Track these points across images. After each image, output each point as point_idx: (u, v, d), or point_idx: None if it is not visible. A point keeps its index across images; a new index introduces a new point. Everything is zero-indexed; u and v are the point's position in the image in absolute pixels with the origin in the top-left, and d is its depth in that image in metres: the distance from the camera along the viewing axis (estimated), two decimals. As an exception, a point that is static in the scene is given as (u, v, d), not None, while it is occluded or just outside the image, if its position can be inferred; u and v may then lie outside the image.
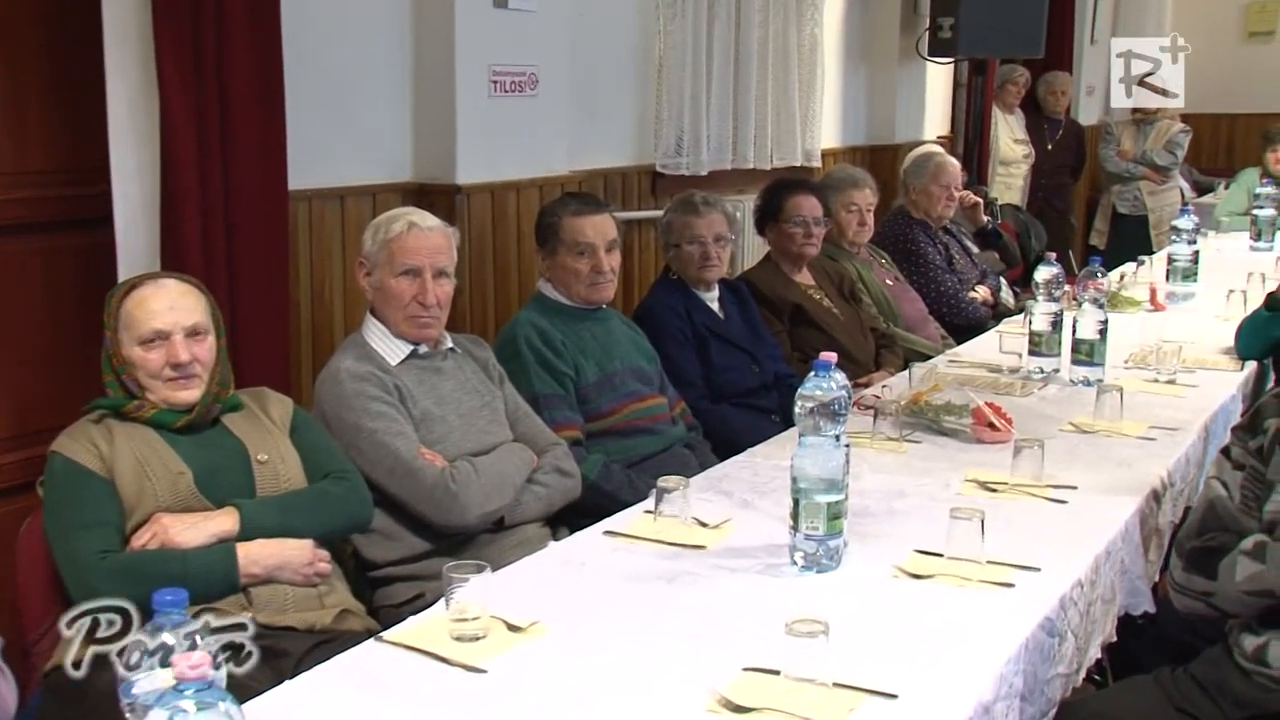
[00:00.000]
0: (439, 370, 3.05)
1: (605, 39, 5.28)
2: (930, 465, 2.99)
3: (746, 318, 4.11)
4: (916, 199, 5.52)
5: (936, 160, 5.58)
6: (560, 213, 3.50)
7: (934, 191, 5.50)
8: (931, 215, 5.53)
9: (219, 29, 3.37)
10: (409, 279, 2.98)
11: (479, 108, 4.41)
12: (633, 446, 3.41)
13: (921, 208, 5.52)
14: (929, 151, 5.75)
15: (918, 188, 5.51)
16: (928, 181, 5.51)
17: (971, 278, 5.53)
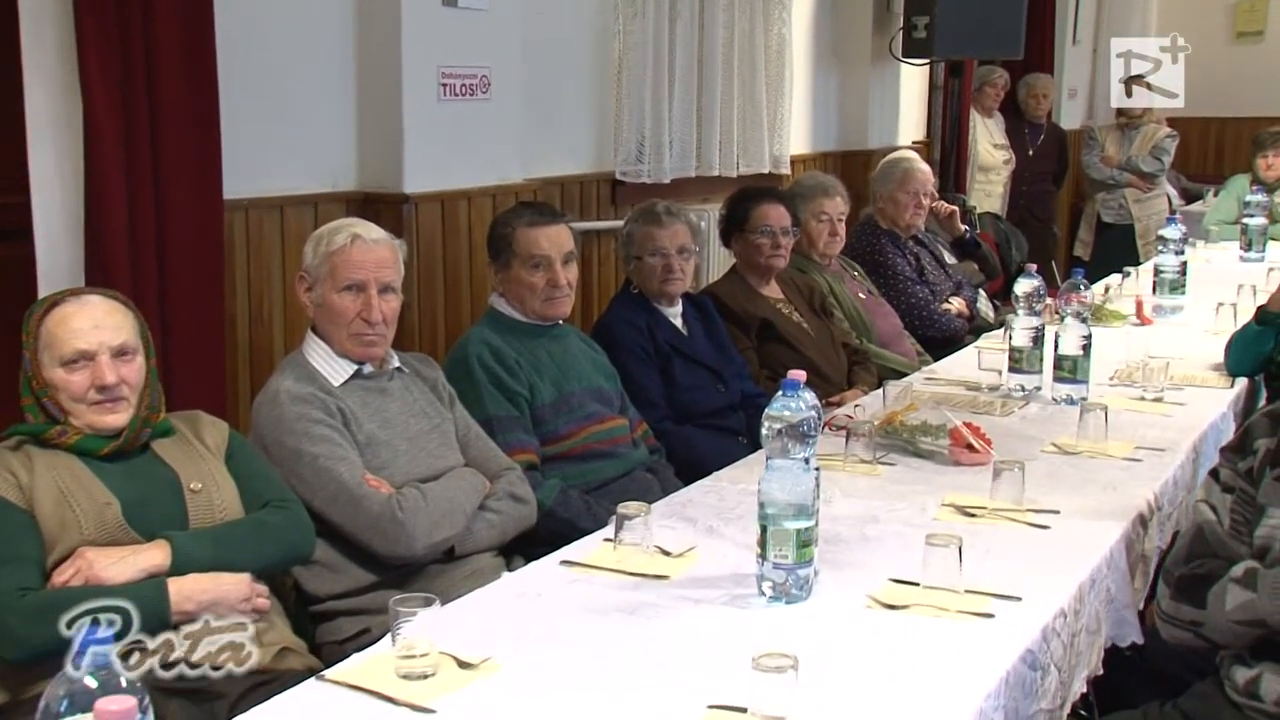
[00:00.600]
0: (385, 391, 3.04)
1: (561, 39, 5.29)
2: (905, 489, 3.00)
3: (711, 334, 4.12)
4: (884, 207, 5.55)
5: (903, 167, 5.62)
6: (514, 223, 3.50)
7: (901, 199, 5.54)
8: (900, 224, 5.57)
9: (147, 26, 3.35)
10: (353, 294, 2.97)
11: (427, 112, 4.41)
12: (591, 471, 3.41)
13: (889, 217, 5.55)
14: (896, 158, 5.79)
15: (884, 195, 5.55)
16: (894, 189, 5.55)
17: (944, 289, 5.56)
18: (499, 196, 4.63)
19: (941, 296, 5.51)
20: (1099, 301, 5.05)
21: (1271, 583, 2.22)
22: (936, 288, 5.51)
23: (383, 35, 4.33)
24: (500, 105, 4.67)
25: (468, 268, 4.58)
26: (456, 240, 4.53)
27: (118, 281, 3.24)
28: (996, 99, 8.48)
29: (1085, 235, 9.16)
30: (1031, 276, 3.93)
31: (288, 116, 4.19)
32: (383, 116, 4.36)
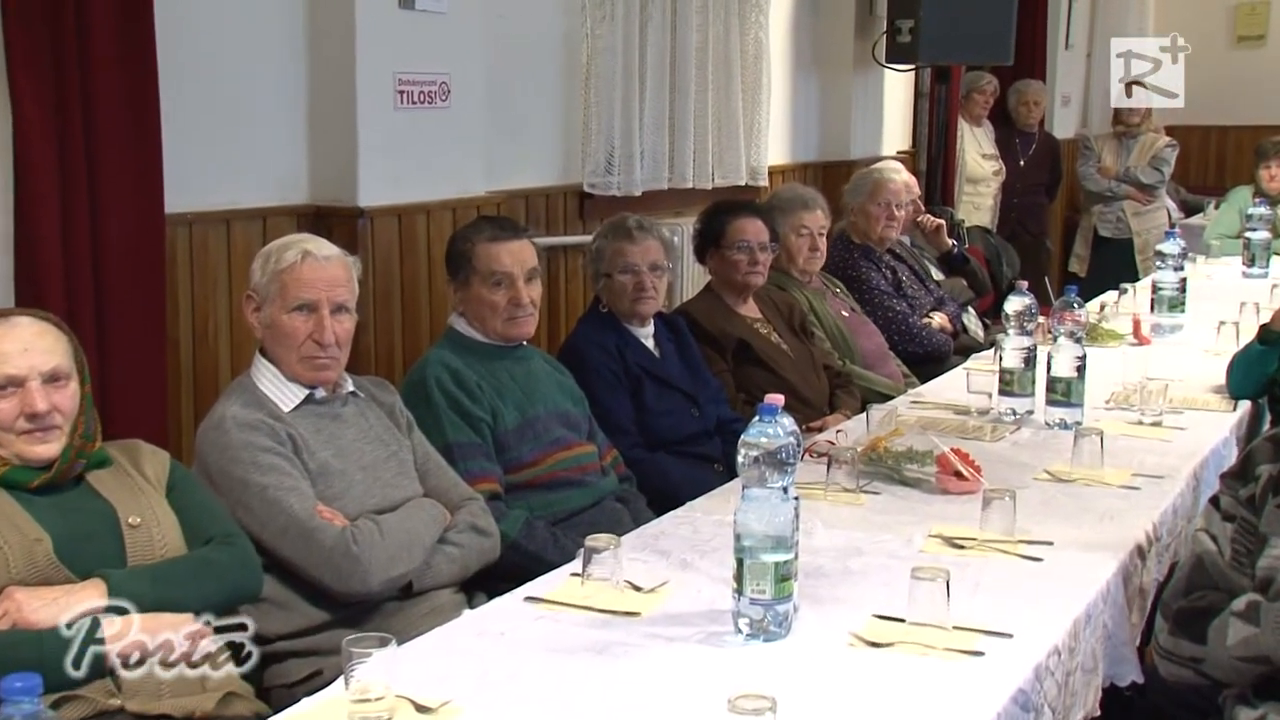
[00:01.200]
0: (338, 417, 3.04)
1: (526, 44, 5.30)
2: (890, 519, 3.01)
3: (685, 356, 4.13)
4: (856, 220, 5.58)
5: (873, 178, 5.65)
6: (473, 239, 3.50)
7: (872, 212, 5.56)
8: (872, 238, 5.59)
9: (81, 30, 3.34)
10: (304, 315, 2.97)
11: (383, 120, 4.41)
12: (558, 500, 3.41)
13: (861, 230, 5.58)
14: (868, 169, 5.83)
15: (855, 208, 5.58)
16: (864, 201, 5.58)
17: (924, 304, 5.58)
18: (460, 210, 4.63)
19: (921, 311, 5.53)
20: (1094, 320, 5.09)
21: (1275, 617, 2.23)
22: (915, 302, 5.54)
23: (336, 39, 4.33)
24: (461, 113, 4.68)
25: (426, 286, 4.57)
26: (414, 257, 4.53)
27: (50, 301, 3.22)
28: (985, 106, 8.52)
29: (1080, 250, 9.21)
30: (1023, 294, 3.96)
31: (234, 125, 4.19)
32: (336, 125, 4.36)
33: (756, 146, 6.59)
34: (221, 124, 4.14)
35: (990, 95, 8.51)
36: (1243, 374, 4.18)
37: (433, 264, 4.51)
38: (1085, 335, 4.08)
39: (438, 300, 4.52)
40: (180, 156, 3.83)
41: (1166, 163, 8.78)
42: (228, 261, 4.13)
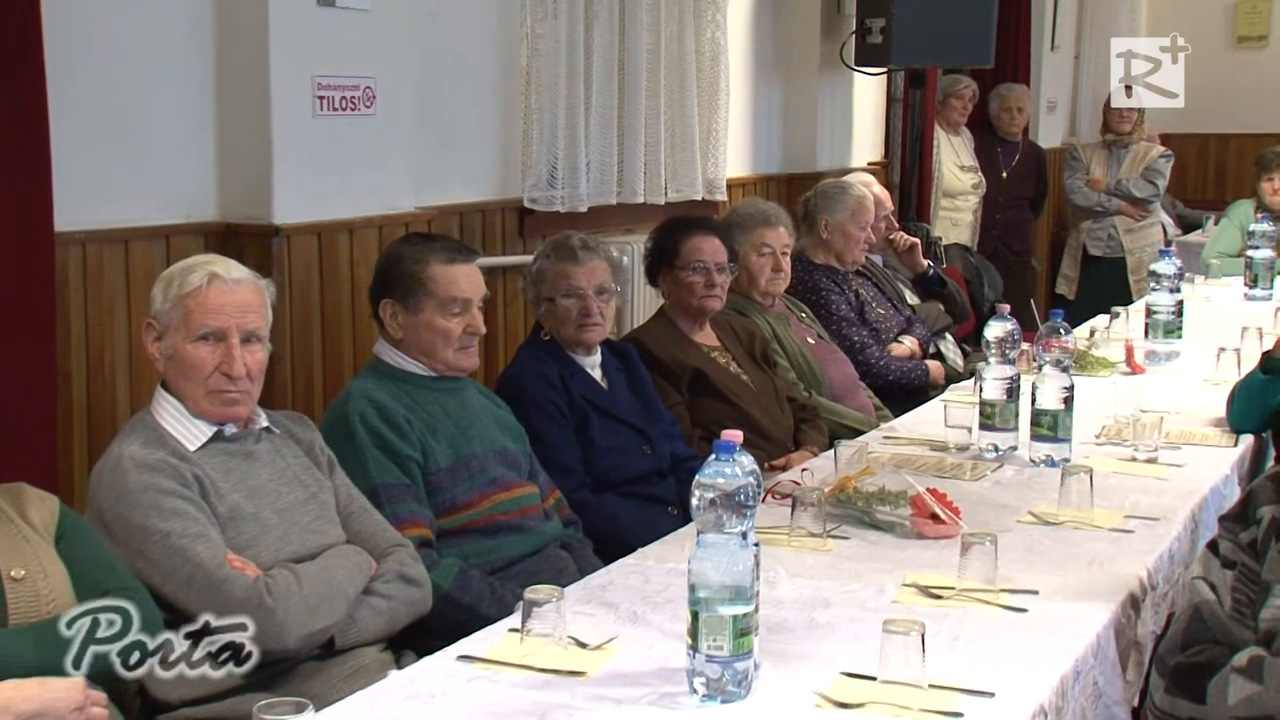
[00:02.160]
0: (251, 456, 3.02)
1: (459, 44, 5.31)
2: (860, 567, 3.02)
3: (636, 387, 4.13)
4: (830, 239, 5.59)
5: (856, 194, 5.67)
6: (427, 259, 3.49)
7: (853, 234, 5.59)
8: (846, 260, 5.62)
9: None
10: (210, 344, 2.96)
11: (301, 129, 4.40)
12: (495, 547, 3.41)
13: (834, 250, 5.60)
14: (845, 182, 5.85)
15: (833, 226, 5.58)
16: (845, 219, 5.59)
17: (889, 329, 5.60)
18: (386, 228, 4.62)
19: (887, 337, 5.55)
20: (1083, 347, 5.11)
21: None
22: (880, 327, 5.55)
23: (247, 39, 4.32)
24: (387, 121, 4.67)
25: (349, 311, 4.56)
26: (336, 279, 4.52)
27: (-73, 330, 3.20)
28: (964, 113, 8.58)
29: (1069, 270, 9.29)
30: (1005, 318, 3.98)
31: (134, 134, 4.17)
32: (248, 134, 4.35)
33: (714, 157, 6.61)
34: (119, 133, 4.12)
35: (969, 101, 8.57)
36: (1244, 405, 4.21)
37: (356, 287, 4.49)
38: (1073, 363, 4.10)
39: (361, 327, 4.51)
40: (72, 169, 3.80)
41: (1161, 174, 8.86)
42: (126, 285, 4.10)
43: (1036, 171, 9.12)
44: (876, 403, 5.14)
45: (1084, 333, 5.61)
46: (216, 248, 4.10)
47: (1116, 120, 8.81)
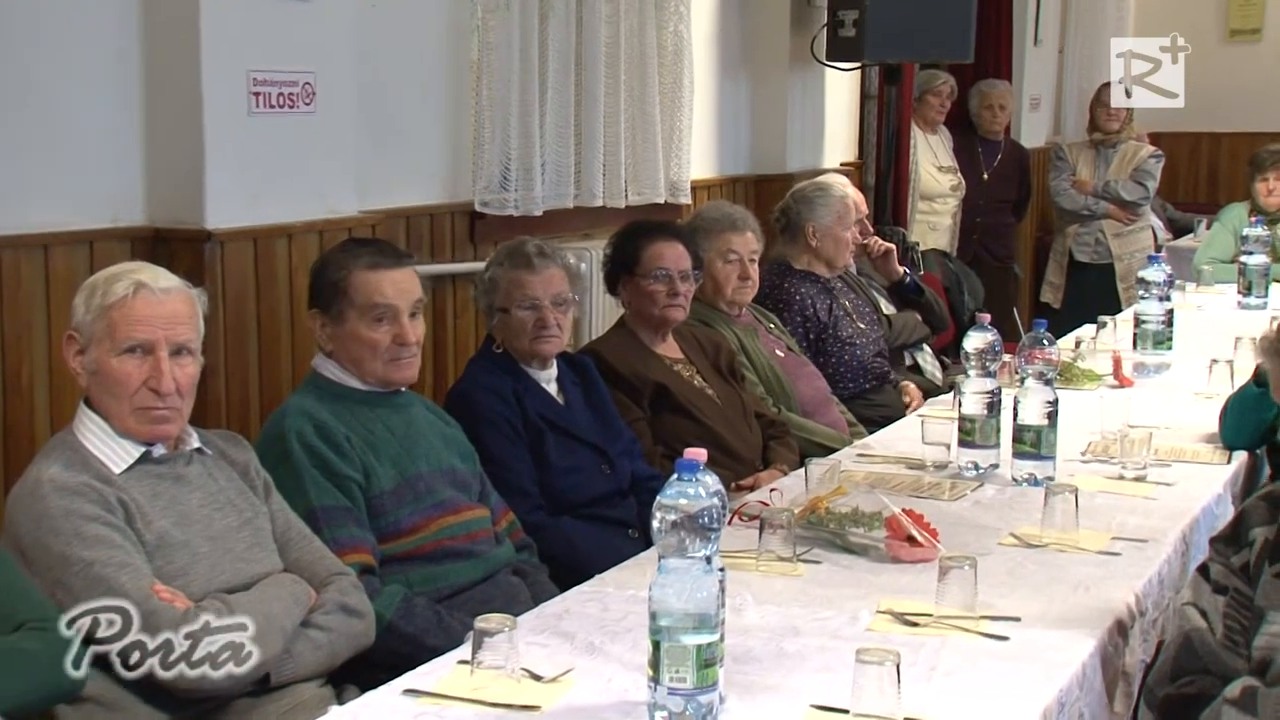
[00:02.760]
0: (181, 479, 3.01)
1: (405, 36, 5.30)
2: (832, 593, 3.03)
3: (594, 403, 4.14)
4: (820, 245, 5.60)
5: (839, 194, 5.70)
6: (349, 266, 3.49)
7: (841, 236, 5.61)
8: (836, 264, 5.64)
9: None
10: (137, 358, 2.94)
11: (235, 127, 4.38)
12: (444, 574, 3.41)
13: (824, 256, 5.61)
14: (827, 183, 5.86)
15: (821, 231, 5.60)
16: (832, 223, 5.61)
17: (872, 340, 5.60)
18: (327, 233, 4.61)
19: (865, 352, 5.55)
20: (1068, 359, 5.14)
21: (1274, 704, 2.26)
22: (858, 341, 5.56)
23: (177, 31, 4.30)
24: (328, 119, 4.66)
25: (287, 322, 4.54)
26: (273, 288, 4.50)
27: None
28: (942, 111, 8.62)
29: (1054, 277, 9.34)
30: (985, 329, 3.99)
31: (53, 132, 4.14)
32: (178, 132, 4.33)
33: (677, 158, 6.62)
34: (38, 130, 4.10)
35: (947, 98, 8.61)
36: (1237, 420, 4.24)
37: (295, 296, 4.48)
38: (1058, 376, 4.12)
39: (301, 339, 4.49)
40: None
41: (1151, 175, 8.91)
42: (45, 295, 4.08)
43: (1019, 173, 9.17)
44: (850, 419, 5.16)
45: (1069, 343, 5.63)
46: (144, 254, 4.08)
47: (1104, 118, 8.86)
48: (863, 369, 5.48)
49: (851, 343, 5.50)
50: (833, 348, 5.46)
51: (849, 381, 5.43)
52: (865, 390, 5.48)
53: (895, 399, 5.53)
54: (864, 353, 5.52)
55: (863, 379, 5.48)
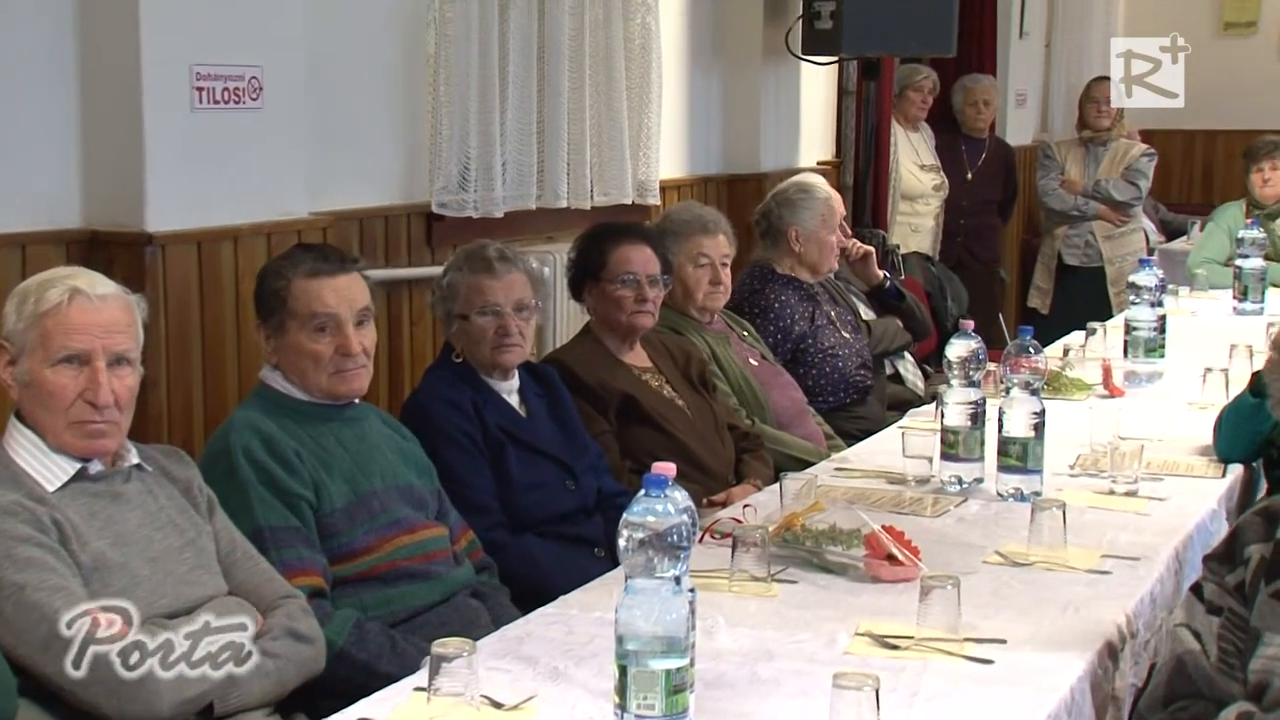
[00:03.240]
0: (119, 497, 2.99)
1: (358, 29, 5.29)
2: (809, 615, 3.03)
3: (558, 415, 4.14)
4: (804, 250, 5.61)
5: (822, 196, 5.71)
6: (289, 273, 3.49)
7: (826, 239, 5.62)
8: (821, 269, 5.65)
9: None
10: (73, 369, 2.92)
11: (177, 124, 4.37)
12: (398, 596, 3.40)
13: (808, 262, 5.62)
14: (810, 184, 5.87)
15: (805, 235, 5.60)
16: (817, 226, 5.62)
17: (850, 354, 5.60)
18: (276, 236, 4.60)
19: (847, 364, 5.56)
20: (1055, 367, 5.15)
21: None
22: (839, 350, 5.57)
23: (114, 21, 4.28)
24: (277, 115, 4.65)
25: (233, 331, 4.53)
26: (218, 294, 4.49)
27: None
28: (923, 107, 8.65)
29: (1041, 281, 9.38)
30: (969, 336, 3.99)
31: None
32: (116, 130, 4.32)
33: (645, 157, 6.63)
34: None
35: (929, 93, 8.64)
36: (1233, 432, 4.25)
37: (241, 303, 4.47)
38: (1045, 386, 4.13)
39: (248, 349, 4.48)
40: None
41: (1144, 175, 8.96)
42: (-24, 302, 4.06)
43: (1005, 172, 9.20)
44: (827, 431, 5.17)
45: (1057, 351, 5.64)
46: (80, 259, 4.07)
47: (1094, 115, 8.91)
48: (844, 381, 5.49)
49: (834, 353, 5.51)
50: (813, 358, 5.46)
51: (829, 394, 5.44)
52: (846, 404, 5.49)
53: (877, 412, 5.54)
54: (847, 364, 5.52)
55: (844, 392, 5.49)
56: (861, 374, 5.59)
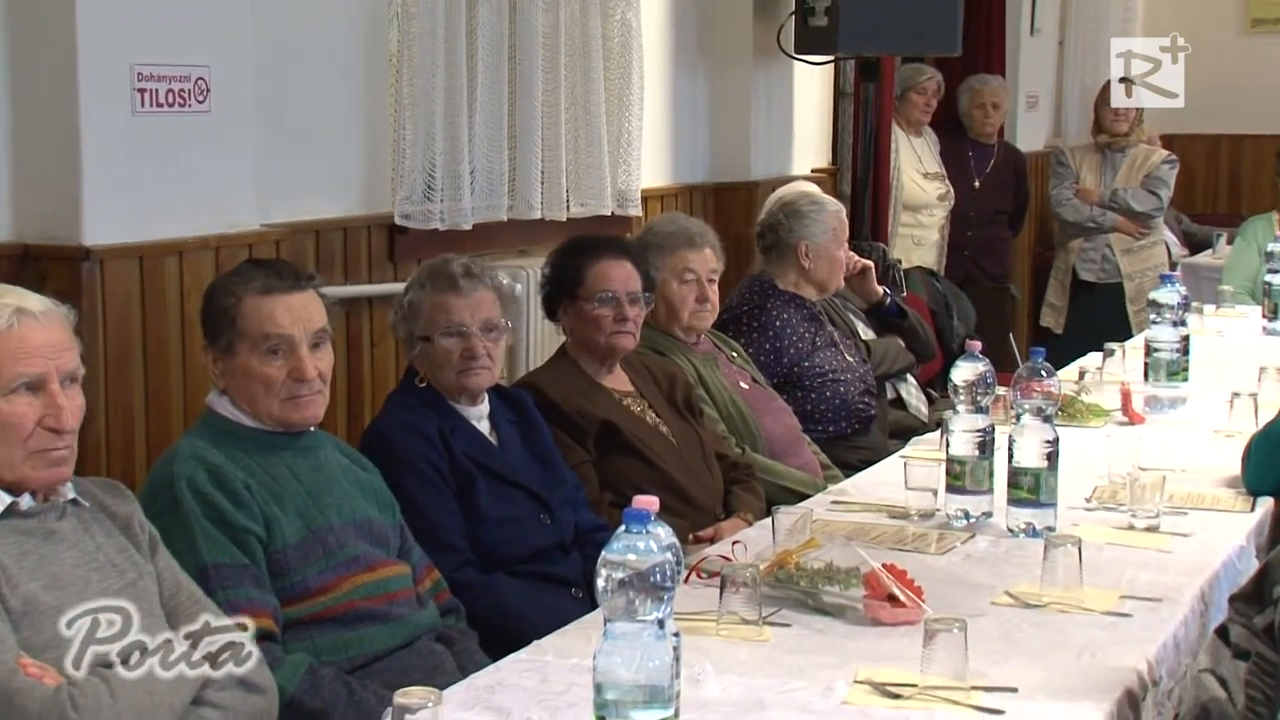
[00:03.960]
0: (53, 535, 2.97)
1: (314, 25, 5.29)
2: (804, 660, 3.02)
3: (531, 443, 4.14)
4: (814, 267, 5.62)
5: (833, 208, 5.75)
6: (238, 291, 3.48)
7: (837, 255, 5.63)
8: (830, 286, 5.65)
9: None
10: (28, 396, 2.90)
11: (117, 129, 4.37)
12: (357, 640, 3.40)
13: (816, 279, 5.63)
14: (815, 195, 5.88)
15: (816, 250, 5.62)
16: (828, 240, 5.63)
17: (853, 379, 5.61)
18: (225, 250, 4.60)
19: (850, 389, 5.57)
20: (1070, 392, 5.16)
21: (1304, 783, 2.27)
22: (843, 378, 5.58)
23: (47, 16, 4.28)
24: (225, 119, 4.65)
25: (179, 353, 4.53)
26: (161, 313, 4.48)
27: None
28: (927, 110, 8.66)
29: (1055, 299, 9.39)
30: (976, 358, 3.99)
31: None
32: (50, 135, 4.32)
33: (626, 164, 6.63)
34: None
35: (933, 96, 8.65)
36: (1263, 462, 4.24)
37: (187, 323, 4.47)
38: (1059, 412, 4.13)
39: (194, 372, 4.48)
40: None
41: (1165, 183, 8.98)
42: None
43: (1015, 180, 9.21)
44: (824, 460, 5.16)
45: (1072, 374, 5.65)
46: (10, 275, 4.07)
47: (1111, 119, 8.93)
48: (846, 409, 5.50)
49: (836, 379, 5.52)
50: (812, 382, 5.47)
51: (829, 422, 5.45)
52: (846, 433, 5.50)
53: (878, 440, 5.55)
54: (849, 390, 5.53)
55: (845, 420, 5.50)
56: (865, 402, 5.59)
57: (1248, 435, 4.41)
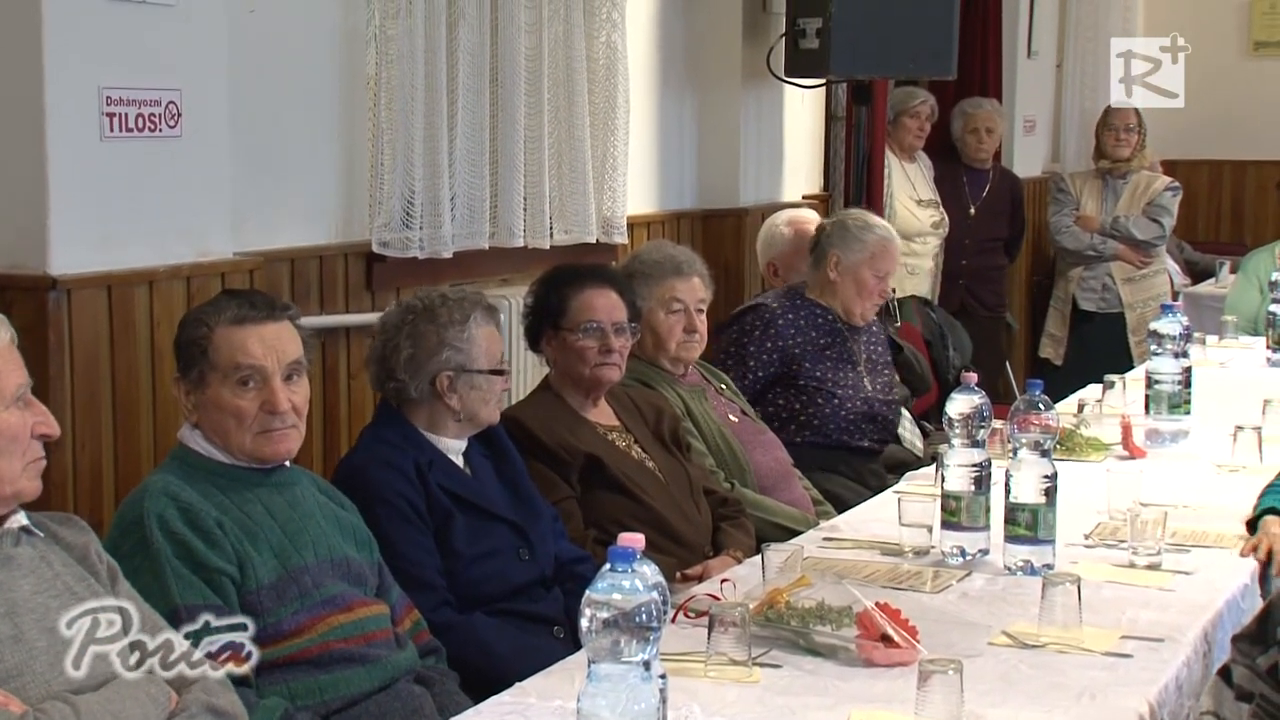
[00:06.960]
0: (9, 562, 2.95)
1: (289, 48, 5.29)
2: (795, 702, 3.03)
3: (507, 477, 4.14)
4: (839, 281, 5.63)
5: (880, 235, 5.74)
6: (211, 321, 3.49)
7: (868, 281, 5.64)
8: (852, 312, 5.66)
9: None
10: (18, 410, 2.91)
11: (86, 154, 4.37)
12: (332, 683, 3.39)
13: (840, 297, 5.64)
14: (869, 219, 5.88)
15: (845, 266, 5.62)
16: (861, 262, 5.64)
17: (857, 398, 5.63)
18: (197, 279, 4.60)
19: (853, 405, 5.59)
20: (1069, 425, 5.16)
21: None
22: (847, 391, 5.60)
23: (13, 36, 4.27)
24: (198, 145, 4.65)
25: (149, 385, 4.52)
26: (131, 345, 4.48)
27: None
28: (920, 135, 8.66)
29: (1054, 329, 9.40)
30: (972, 390, 4.00)
31: None
32: (16, 161, 4.30)
33: (611, 190, 6.64)
34: None
35: (926, 120, 8.66)
36: None
37: (157, 354, 4.46)
38: (1057, 446, 4.14)
39: (165, 405, 4.47)
40: None
41: (1167, 211, 8.99)
42: None
43: (1011, 207, 9.22)
44: (815, 495, 5.16)
45: (1070, 407, 5.67)
46: (-26, 303, 4.07)
47: (1112, 144, 8.94)
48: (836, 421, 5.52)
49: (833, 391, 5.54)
50: (806, 384, 5.49)
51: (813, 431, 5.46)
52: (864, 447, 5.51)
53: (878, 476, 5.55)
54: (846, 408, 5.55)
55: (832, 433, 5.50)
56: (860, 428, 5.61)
57: (1251, 470, 4.44)
